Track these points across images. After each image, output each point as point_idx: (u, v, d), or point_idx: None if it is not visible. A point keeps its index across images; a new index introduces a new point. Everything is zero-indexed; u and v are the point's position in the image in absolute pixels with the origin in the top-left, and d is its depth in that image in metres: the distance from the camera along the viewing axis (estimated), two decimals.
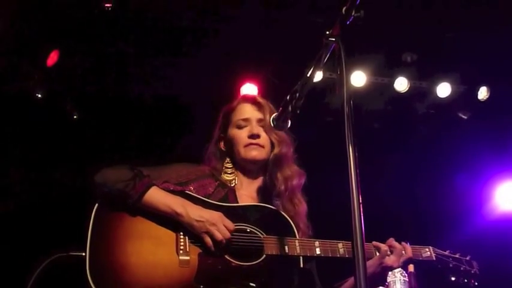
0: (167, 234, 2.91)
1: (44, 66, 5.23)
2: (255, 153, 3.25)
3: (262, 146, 3.27)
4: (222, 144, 3.39)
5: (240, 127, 3.32)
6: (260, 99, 3.39)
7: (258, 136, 3.26)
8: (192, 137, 5.41)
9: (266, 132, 3.29)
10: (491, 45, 5.51)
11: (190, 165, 3.27)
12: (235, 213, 3.05)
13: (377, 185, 5.45)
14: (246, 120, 3.32)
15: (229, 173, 3.30)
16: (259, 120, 3.30)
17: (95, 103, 5.61)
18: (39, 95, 5.36)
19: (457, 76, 6.03)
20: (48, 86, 5.38)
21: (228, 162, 3.34)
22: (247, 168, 3.31)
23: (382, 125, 6.37)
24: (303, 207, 3.25)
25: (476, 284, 3.37)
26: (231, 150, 3.34)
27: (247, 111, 3.35)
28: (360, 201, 2.03)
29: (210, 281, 2.87)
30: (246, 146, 3.26)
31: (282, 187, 3.23)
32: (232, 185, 3.26)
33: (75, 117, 5.60)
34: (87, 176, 2.99)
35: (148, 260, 2.83)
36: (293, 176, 3.28)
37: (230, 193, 3.20)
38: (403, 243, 3.23)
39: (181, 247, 2.89)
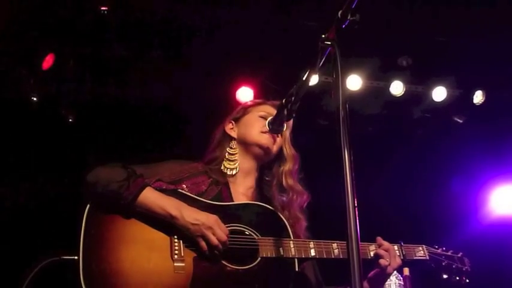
0: (161, 238, 2.87)
1: (39, 70, 5.21)
2: (268, 142, 3.22)
3: (274, 143, 3.25)
4: (229, 127, 3.34)
5: (262, 117, 3.27)
6: None
7: (277, 135, 3.23)
8: (188, 140, 5.41)
9: (281, 142, 3.29)
10: (486, 49, 5.52)
11: (183, 163, 3.22)
12: (229, 213, 3.01)
13: (372, 189, 5.45)
14: (271, 115, 3.19)
15: (232, 160, 3.25)
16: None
17: (90, 107, 5.60)
18: (35, 99, 5.34)
19: (453, 80, 6.03)
20: (44, 89, 5.36)
21: (231, 147, 3.27)
22: (249, 156, 3.27)
23: (377, 128, 6.37)
24: (303, 222, 3.23)
25: (467, 281, 3.38)
26: (242, 133, 3.29)
27: (274, 112, 3.27)
28: (356, 205, 2.02)
29: (206, 287, 2.84)
30: (264, 132, 3.21)
31: (295, 197, 3.24)
32: (233, 173, 3.22)
33: (70, 120, 5.59)
34: (80, 176, 2.95)
35: (143, 266, 2.79)
36: (303, 193, 3.28)
37: (224, 190, 3.16)
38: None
39: (176, 251, 2.85)
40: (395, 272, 3.77)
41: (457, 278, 3.36)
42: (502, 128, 6.01)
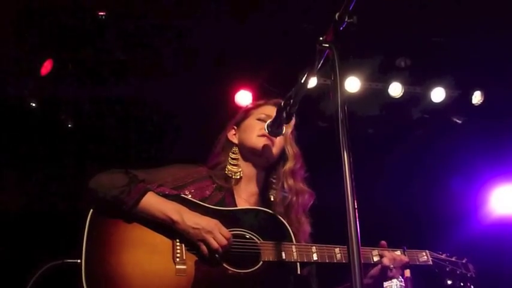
0: (163, 242, 2.89)
1: (38, 75, 5.22)
2: (265, 145, 3.20)
3: (273, 145, 3.23)
4: (232, 133, 3.35)
5: (260, 119, 3.28)
6: None
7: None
8: (188, 144, 5.41)
9: (283, 142, 3.28)
10: (485, 50, 5.52)
11: (187, 167, 3.23)
12: (232, 218, 3.02)
13: (372, 190, 5.45)
14: (270, 116, 3.19)
15: (234, 164, 3.25)
16: None
17: (89, 112, 5.60)
18: (34, 104, 5.35)
19: (451, 81, 6.03)
20: (43, 95, 5.37)
21: (234, 153, 3.28)
22: (250, 161, 3.27)
23: (376, 130, 6.38)
24: (307, 227, 3.23)
25: (472, 287, 3.37)
26: (241, 139, 3.29)
27: (274, 112, 3.25)
28: (356, 206, 2.02)
29: None
30: (260, 136, 3.20)
31: (294, 198, 3.23)
32: (238, 177, 3.22)
33: (69, 126, 5.59)
34: (82, 182, 2.96)
35: (145, 269, 2.81)
36: (305, 191, 3.28)
37: (228, 195, 3.16)
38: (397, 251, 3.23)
39: (178, 255, 2.86)
40: None
41: (462, 284, 3.36)
42: (501, 128, 6.01)
